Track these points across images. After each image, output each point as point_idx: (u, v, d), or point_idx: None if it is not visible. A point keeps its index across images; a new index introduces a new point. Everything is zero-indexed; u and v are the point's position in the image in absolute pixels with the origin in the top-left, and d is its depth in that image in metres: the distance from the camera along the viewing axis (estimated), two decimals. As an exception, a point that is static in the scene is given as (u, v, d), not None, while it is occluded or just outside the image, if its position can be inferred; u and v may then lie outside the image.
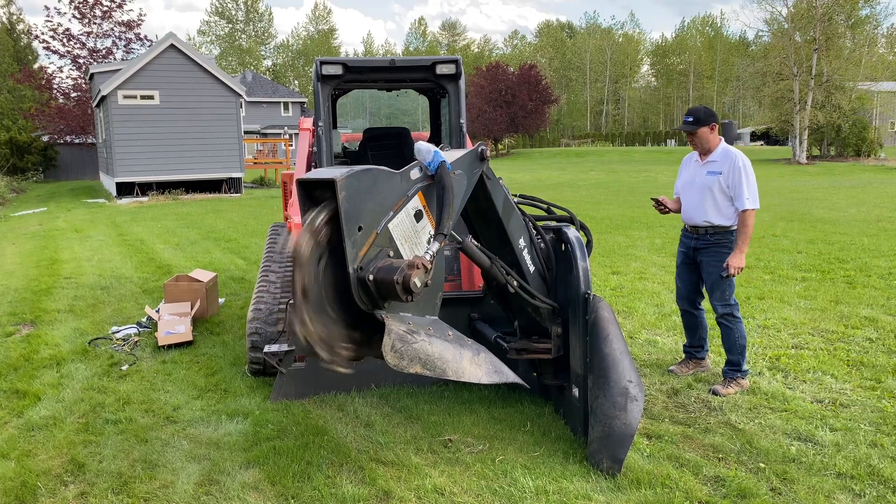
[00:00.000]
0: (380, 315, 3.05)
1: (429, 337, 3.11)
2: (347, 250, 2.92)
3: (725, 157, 4.90)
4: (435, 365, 3.04)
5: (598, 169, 36.69)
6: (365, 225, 3.00)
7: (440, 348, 3.12)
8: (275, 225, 7.46)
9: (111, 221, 16.73)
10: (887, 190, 20.41)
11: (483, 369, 3.29)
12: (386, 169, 3.19)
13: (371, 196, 3.04)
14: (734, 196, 4.84)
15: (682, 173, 5.25)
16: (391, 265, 3.01)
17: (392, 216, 3.17)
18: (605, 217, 15.06)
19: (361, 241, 2.99)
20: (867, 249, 10.09)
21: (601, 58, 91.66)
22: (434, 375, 3.05)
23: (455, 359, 3.16)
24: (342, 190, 2.86)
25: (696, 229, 5.01)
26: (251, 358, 5.20)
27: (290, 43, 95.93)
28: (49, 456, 4.11)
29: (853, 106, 39.77)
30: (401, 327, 3.03)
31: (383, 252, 3.11)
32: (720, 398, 4.71)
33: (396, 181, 3.24)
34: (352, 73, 5.44)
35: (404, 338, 2.99)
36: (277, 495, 3.62)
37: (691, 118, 4.93)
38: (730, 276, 4.77)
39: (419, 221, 3.33)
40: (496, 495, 3.56)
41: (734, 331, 4.89)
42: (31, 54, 56.48)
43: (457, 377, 3.15)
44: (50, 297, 8.29)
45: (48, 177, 36.63)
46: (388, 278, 2.95)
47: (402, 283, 2.92)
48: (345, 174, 2.89)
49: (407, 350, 2.97)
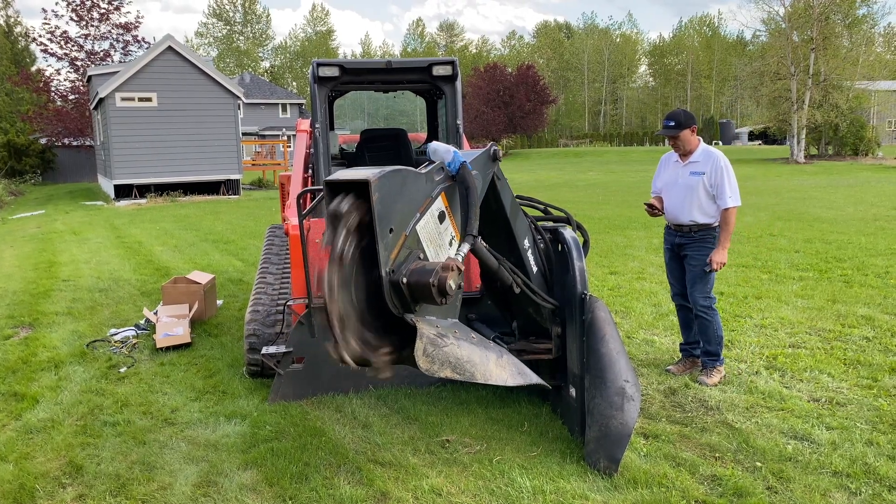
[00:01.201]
0: (411, 319, 2.98)
1: (457, 340, 3.06)
2: (380, 253, 2.84)
3: (707, 158, 5.03)
4: (464, 368, 2.98)
5: (596, 169, 36.71)
6: (395, 227, 2.91)
7: (468, 351, 3.07)
8: (272, 227, 7.48)
9: (109, 224, 16.73)
10: (885, 189, 20.43)
11: (508, 371, 3.24)
12: (413, 169, 3.12)
13: (400, 197, 2.96)
14: (717, 195, 4.97)
15: (661, 173, 5.36)
16: (424, 267, 2.94)
17: (419, 218, 3.09)
18: (603, 217, 15.07)
19: (392, 243, 2.90)
20: (864, 248, 10.11)
21: (599, 58, 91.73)
22: (463, 379, 2.99)
23: (482, 361, 3.11)
24: (376, 191, 2.76)
25: (681, 227, 5.14)
26: (249, 359, 5.21)
27: (288, 44, 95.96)
28: (47, 458, 4.12)
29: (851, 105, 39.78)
30: (431, 331, 2.96)
31: (413, 254, 3.04)
32: (717, 398, 4.73)
33: (422, 182, 3.17)
34: (348, 75, 5.45)
35: (435, 341, 2.93)
36: (275, 496, 3.62)
37: (672, 122, 5.07)
38: (713, 271, 4.98)
39: (442, 223, 3.28)
40: (493, 495, 3.57)
41: (713, 323, 5.06)
42: (28, 57, 56.45)
43: (484, 380, 3.09)
44: (48, 300, 8.29)
45: (46, 179, 36.59)
46: (423, 281, 2.88)
47: (438, 285, 2.86)
48: (378, 175, 2.79)
49: (438, 354, 2.91)
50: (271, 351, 4.76)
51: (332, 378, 4.89)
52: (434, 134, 7.28)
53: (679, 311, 5.45)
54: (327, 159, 5.55)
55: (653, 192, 5.40)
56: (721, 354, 5.11)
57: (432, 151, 3.50)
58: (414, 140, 7.26)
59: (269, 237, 7.09)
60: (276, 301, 5.50)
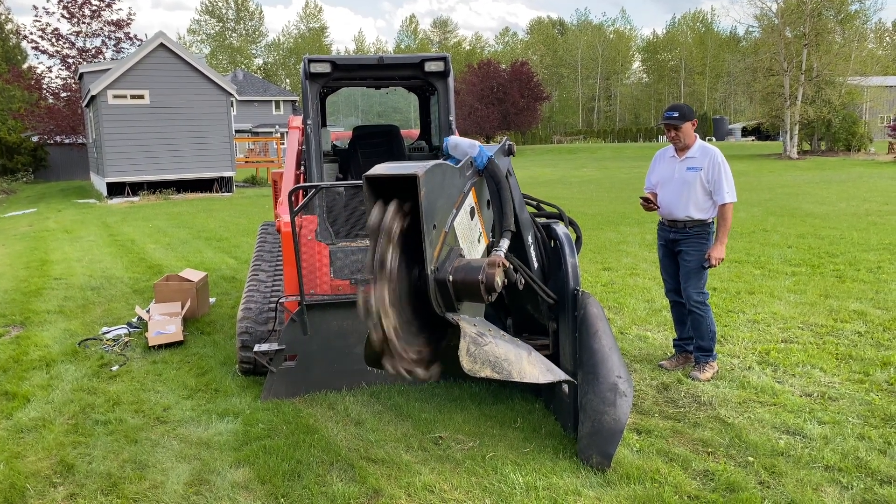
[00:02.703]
0: (453, 318, 2.88)
1: (494, 339, 2.98)
2: (426, 250, 2.72)
3: (704, 154, 5.04)
4: (502, 367, 2.91)
5: (590, 165, 36.73)
6: (437, 223, 2.81)
7: (504, 349, 2.99)
8: (265, 224, 7.46)
9: (102, 222, 16.66)
10: (877, 184, 20.50)
11: (538, 368, 3.16)
12: (449, 164, 3.05)
13: (441, 192, 2.87)
14: (714, 191, 4.99)
15: (655, 168, 5.34)
16: (470, 265, 2.86)
17: (455, 214, 3.02)
18: (596, 213, 15.08)
19: (435, 240, 2.80)
20: (856, 243, 10.14)
21: (592, 54, 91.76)
22: (501, 378, 2.91)
23: (517, 359, 3.03)
24: (423, 186, 2.64)
25: (675, 223, 5.14)
26: (241, 357, 5.20)
27: (281, 41, 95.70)
28: (38, 457, 4.10)
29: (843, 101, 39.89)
30: (472, 329, 2.88)
31: (454, 251, 2.95)
32: (709, 393, 4.74)
33: (457, 177, 3.09)
34: (340, 71, 5.43)
35: (476, 340, 2.85)
36: (268, 494, 3.61)
37: (676, 113, 5.04)
38: (711, 266, 4.99)
39: (472, 219, 3.21)
40: (486, 492, 3.57)
41: (706, 318, 5.08)
42: (19, 54, 56.10)
43: (520, 378, 3.01)
44: (40, 299, 8.25)
45: (38, 177, 36.41)
46: (471, 278, 2.80)
47: (487, 282, 2.79)
48: (425, 169, 2.68)
49: (479, 353, 2.83)
50: (263, 348, 4.74)
51: (325, 376, 4.88)
52: (427, 130, 7.27)
53: (673, 306, 5.46)
54: (319, 156, 5.53)
55: (646, 188, 5.39)
56: (714, 350, 5.12)
57: (452, 146, 3.42)
58: (407, 137, 7.25)
59: (262, 234, 7.08)
60: (269, 299, 5.49)
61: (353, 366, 4.90)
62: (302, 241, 4.92)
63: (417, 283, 2.83)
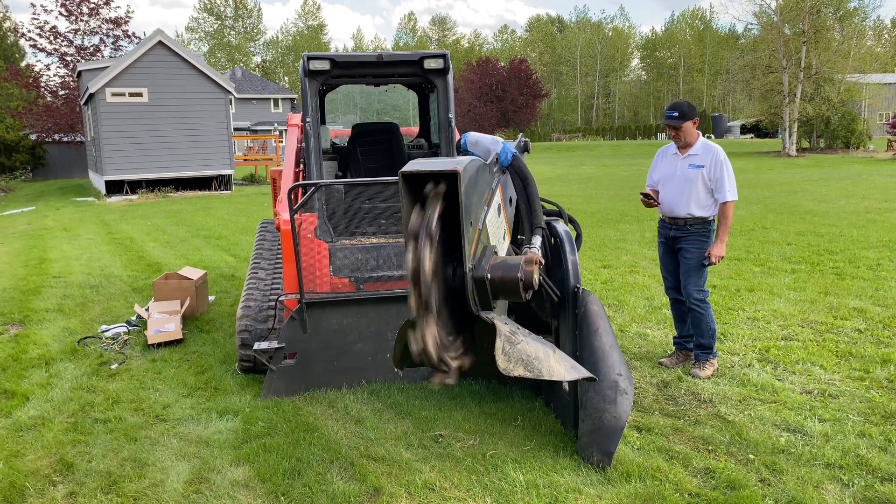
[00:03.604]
0: (488, 317, 2.84)
1: (524, 337, 2.94)
2: (465, 248, 2.66)
3: (707, 151, 5.04)
4: (533, 366, 2.86)
5: (589, 163, 36.73)
6: (473, 220, 2.76)
7: (534, 348, 2.95)
8: (264, 222, 7.45)
9: (100, 220, 16.64)
10: (876, 181, 20.51)
11: (563, 366, 3.12)
12: (480, 159, 2.99)
13: (475, 189, 2.82)
14: (715, 188, 4.99)
15: (658, 166, 5.33)
16: (507, 262, 2.82)
17: (487, 211, 2.98)
18: (595, 211, 15.08)
19: (472, 237, 2.74)
20: (856, 241, 10.14)
21: (591, 52, 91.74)
22: (532, 377, 2.86)
23: (546, 358, 2.99)
24: (463, 182, 2.57)
25: (676, 220, 5.14)
26: (241, 355, 5.19)
27: (280, 39, 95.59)
28: (38, 456, 4.09)
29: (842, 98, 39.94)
30: (506, 328, 2.84)
31: (489, 249, 2.91)
32: (710, 391, 4.73)
33: (487, 174, 3.04)
34: (339, 69, 5.41)
35: (510, 339, 2.81)
36: (268, 493, 3.61)
37: (676, 113, 5.03)
38: (712, 264, 5.01)
39: (499, 216, 3.18)
40: (487, 490, 3.56)
41: (706, 316, 5.08)
42: (17, 52, 56.01)
43: (549, 376, 2.96)
44: (39, 297, 8.24)
45: (37, 175, 36.36)
46: (510, 276, 2.76)
47: (525, 280, 2.75)
48: (463, 164, 2.61)
49: (513, 352, 2.79)
50: (263, 346, 4.74)
51: (325, 373, 4.87)
52: (426, 128, 7.25)
53: (673, 304, 5.45)
54: (318, 154, 5.52)
55: (648, 186, 5.37)
56: (714, 347, 5.12)
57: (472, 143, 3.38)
58: (406, 134, 7.24)
59: (261, 232, 7.06)
60: (268, 297, 5.48)
61: (353, 364, 4.90)
62: (301, 239, 4.91)
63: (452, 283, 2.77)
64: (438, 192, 2.58)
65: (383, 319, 4.90)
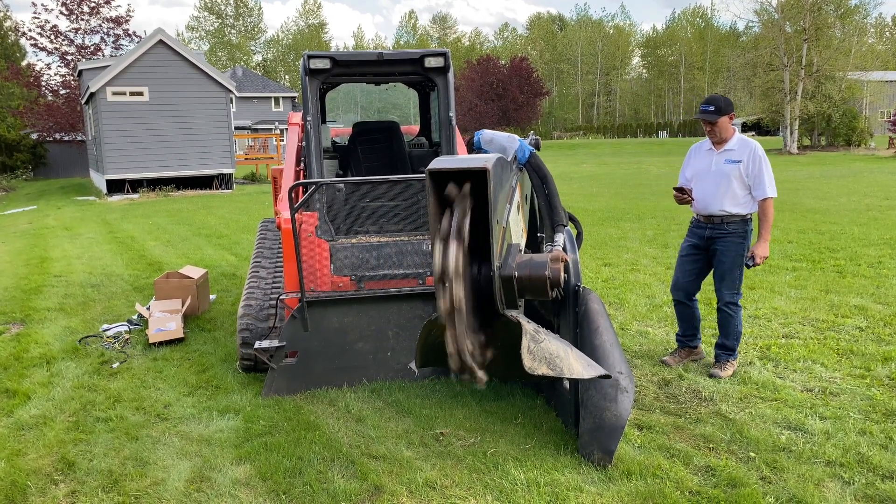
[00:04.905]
0: (513, 315, 2.83)
1: (546, 336, 2.93)
2: (493, 247, 2.63)
3: (744, 146, 4.90)
4: (556, 364, 2.86)
5: (590, 161, 36.71)
6: (498, 218, 2.74)
7: (556, 346, 2.94)
8: (265, 220, 7.45)
9: (101, 219, 16.65)
10: (877, 179, 20.49)
11: (580, 364, 3.11)
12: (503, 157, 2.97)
13: (501, 187, 2.79)
14: (754, 185, 4.85)
15: (690, 162, 5.19)
16: (533, 261, 2.80)
17: (510, 209, 2.96)
18: (596, 209, 15.07)
19: (498, 236, 2.71)
20: (857, 238, 10.13)
21: (592, 50, 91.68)
22: (554, 375, 2.85)
23: (566, 356, 2.97)
24: (492, 180, 2.53)
25: (711, 218, 4.98)
26: (242, 354, 5.19)
27: (280, 38, 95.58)
28: (39, 455, 4.10)
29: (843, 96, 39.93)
30: (529, 327, 2.83)
31: (514, 247, 2.88)
32: (711, 389, 4.73)
33: (510, 172, 3.02)
34: (340, 67, 5.41)
35: (535, 337, 2.80)
36: (269, 491, 3.61)
37: (712, 107, 4.87)
38: (756, 265, 4.88)
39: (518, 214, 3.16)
40: (487, 488, 3.56)
41: (735, 318, 5.00)
42: (18, 51, 56.04)
43: (569, 375, 2.96)
44: (40, 296, 8.25)
45: (38, 175, 36.41)
46: (537, 274, 2.74)
47: (553, 278, 2.73)
48: (491, 162, 2.57)
49: (537, 350, 2.78)
50: (264, 345, 4.74)
51: (326, 372, 4.88)
52: (426, 127, 7.25)
53: (677, 305, 5.33)
54: (319, 153, 5.52)
55: (680, 184, 5.19)
56: (737, 350, 5.05)
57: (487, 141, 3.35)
58: (407, 133, 7.23)
59: (262, 231, 7.07)
60: (269, 295, 5.48)
61: (354, 362, 4.90)
62: (302, 238, 4.92)
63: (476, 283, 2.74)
64: (465, 193, 2.53)
65: (384, 318, 4.90)
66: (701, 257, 5.12)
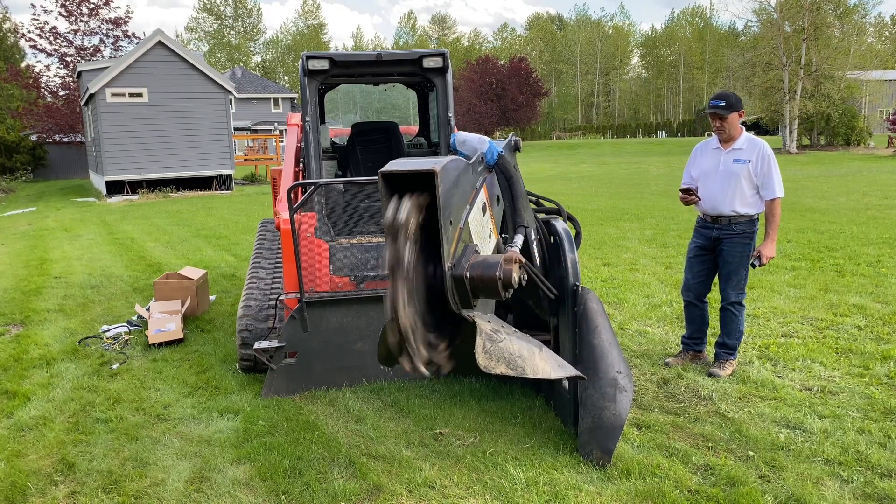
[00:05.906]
0: (469, 315, 2.86)
1: (507, 335, 2.96)
2: (443, 247, 2.68)
3: (752, 146, 4.86)
4: (517, 364, 2.89)
5: (590, 161, 36.72)
6: (453, 219, 2.78)
7: (518, 346, 2.97)
8: (264, 221, 7.46)
9: (101, 220, 16.65)
10: (876, 178, 20.50)
11: (549, 364, 3.13)
12: (463, 159, 3.02)
13: (456, 188, 2.83)
14: (763, 185, 4.82)
15: (696, 162, 5.12)
16: (486, 261, 2.83)
17: (469, 210, 2.99)
18: (596, 209, 15.07)
19: (451, 236, 2.75)
20: (856, 238, 10.14)
21: (591, 50, 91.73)
22: (515, 374, 2.88)
23: (530, 356, 3.00)
24: (441, 181, 2.60)
25: (719, 219, 4.94)
26: (241, 355, 5.20)
27: (280, 38, 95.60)
28: (39, 456, 4.10)
29: (842, 95, 39.94)
30: (487, 326, 2.86)
31: (469, 248, 2.92)
32: (710, 388, 4.73)
33: (470, 173, 3.06)
34: (338, 68, 5.42)
35: (492, 337, 2.83)
36: (268, 491, 3.61)
37: (723, 102, 4.82)
38: (762, 265, 4.87)
39: (484, 215, 3.19)
40: (487, 488, 3.57)
41: (738, 318, 5.01)
42: (17, 53, 56.01)
43: (533, 375, 2.99)
44: (40, 297, 8.25)
45: (37, 176, 36.41)
46: (488, 275, 2.77)
47: (504, 278, 2.75)
48: (442, 164, 2.64)
49: (494, 350, 2.82)
50: (264, 346, 4.75)
51: (325, 372, 4.88)
52: (425, 127, 7.26)
53: (687, 307, 5.30)
54: (318, 153, 5.53)
55: (685, 183, 5.15)
56: (738, 349, 5.06)
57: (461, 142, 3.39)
58: (406, 133, 7.24)
59: (261, 232, 7.07)
60: (269, 296, 5.49)
61: (354, 362, 4.90)
62: (301, 239, 4.92)
63: (433, 280, 2.80)
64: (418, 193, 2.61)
65: (383, 318, 4.90)
66: (709, 258, 5.11)
